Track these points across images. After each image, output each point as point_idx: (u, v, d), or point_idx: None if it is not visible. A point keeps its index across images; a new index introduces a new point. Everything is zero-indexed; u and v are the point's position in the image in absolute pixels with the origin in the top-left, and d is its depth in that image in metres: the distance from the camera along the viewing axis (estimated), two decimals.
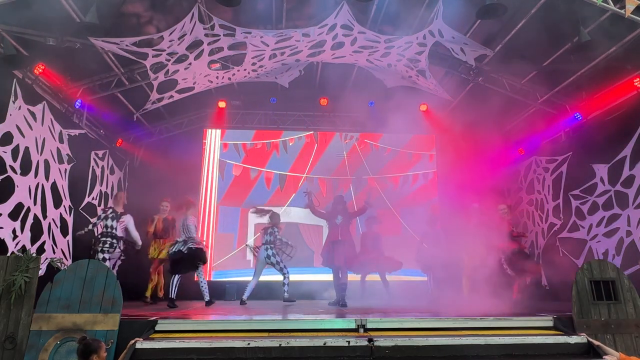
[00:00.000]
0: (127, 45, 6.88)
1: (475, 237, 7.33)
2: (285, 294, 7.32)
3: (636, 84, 7.36)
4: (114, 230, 7.03)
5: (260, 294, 8.11)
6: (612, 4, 6.04)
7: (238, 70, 8.44)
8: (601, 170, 7.99)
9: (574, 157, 8.85)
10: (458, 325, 4.80)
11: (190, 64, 7.68)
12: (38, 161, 7.04)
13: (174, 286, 6.88)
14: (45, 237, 7.16)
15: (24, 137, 6.68)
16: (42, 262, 5.03)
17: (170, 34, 6.79)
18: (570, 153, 8.96)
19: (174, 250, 7.02)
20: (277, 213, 7.84)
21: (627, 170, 7.40)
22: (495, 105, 9.54)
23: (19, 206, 6.51)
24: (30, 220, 6.76)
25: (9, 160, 6.33)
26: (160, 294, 8.21)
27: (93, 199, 8.96)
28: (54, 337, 4.31)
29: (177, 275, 6.93)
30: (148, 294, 7.76)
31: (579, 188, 8.56)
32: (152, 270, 8.01)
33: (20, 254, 4.65)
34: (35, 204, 6.92)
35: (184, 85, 8.31)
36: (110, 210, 7.13)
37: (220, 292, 9.13)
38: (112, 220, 7.04)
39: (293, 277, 7.63)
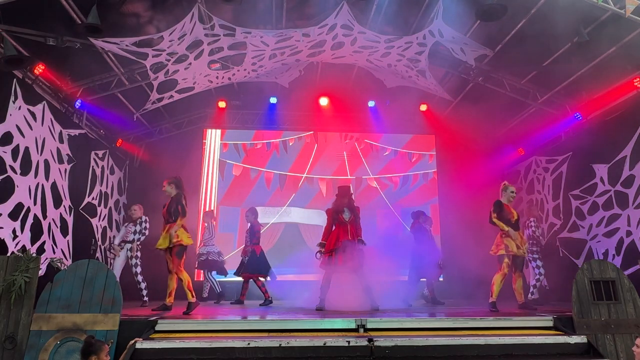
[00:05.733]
0: (127, 45, 6.88)
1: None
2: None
3: (636, 84, 7.36)
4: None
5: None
6: (612, 4, 6.03)
7: (238, 70, 8.44)
8: (601, 170, 7.98)
9: (574, 157, 8.84)
10: (458, 325, 4.81)
11: (190, 64, 7.68)
12: (38, 161, 7.04)
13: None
14: (45, 237, 7.16)
15: (24, 137, 6.67)
16: (42, 262, 5.04)
17: (170, 34, 6.79)
18: (570, 153, 8.96)
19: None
20: None
21: (627, 170, 7.40)
22: (495, 105, 9.54)
23: (19, 206, 6.51)
24: (30, 220, 6.76)
25: (9, 160, 6.33)
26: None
27: (93, 199, 8.96)
28: (54, 337, 4.31)
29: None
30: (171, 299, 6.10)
31: (579, 188, 8.56)
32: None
33: (20, 254, 4.64)
34: (35, 204, 6.92)
35: (184, 85, 8.31)
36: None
37: (220, 292, 9.12)
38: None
39: (293, 277, 7.59)
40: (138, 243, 7.49)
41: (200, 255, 8.98)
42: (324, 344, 4.23)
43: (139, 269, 7.42)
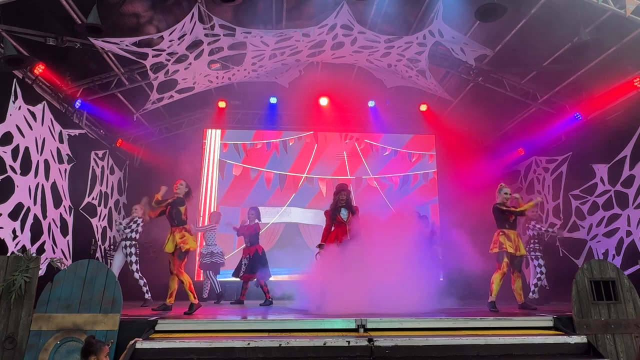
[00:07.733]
0: (127, 45, 6.87)
1: None
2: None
3: (636, 84, 7.36)
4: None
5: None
6: (612, 4, 6.04)
7: (238, 70, 8.44)
8: (601, 170, 7.99)
9: (574, 157, 8.84)
10: (458, 325, 4.80)
11: (190, 64, 7.68)
12: (38, 161, 7.04)
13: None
14: (45, 237, 7.16)
15: (24, 137, 6.67)
16: (42, 262, 5.04)
17: (170, 34, 6.79)
18: (570, 153, 8.96)
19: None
20: None
21: (627, 170, 7.40)
22: (495, 105, 9.54)
23: (19, 206, 6.51)
24: (30, 220, 6.76)
25: (9, 160, 6.33)
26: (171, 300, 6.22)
27: (93, 199, 8.96)
28: (54, 337, 4.31)
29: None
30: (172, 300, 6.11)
31: (579, 188, 8.56)
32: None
33: (20, 254, 4.65)
34: (35, 204, 6.92)
35: (184, 85, 8.31)
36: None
37: (220, 292, 9.11)
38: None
39: (293, 277, 7.56)
40: (134, 238, 7.56)
41: (203, 256, 8.99)
42: (324, 344, 4.22)
43: (134, 267, 7.43)
